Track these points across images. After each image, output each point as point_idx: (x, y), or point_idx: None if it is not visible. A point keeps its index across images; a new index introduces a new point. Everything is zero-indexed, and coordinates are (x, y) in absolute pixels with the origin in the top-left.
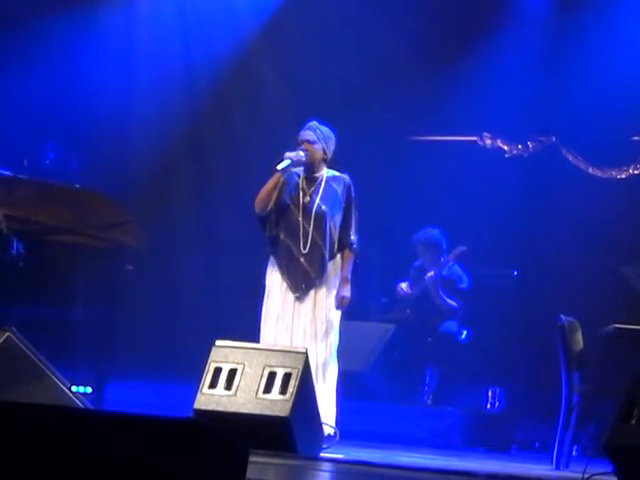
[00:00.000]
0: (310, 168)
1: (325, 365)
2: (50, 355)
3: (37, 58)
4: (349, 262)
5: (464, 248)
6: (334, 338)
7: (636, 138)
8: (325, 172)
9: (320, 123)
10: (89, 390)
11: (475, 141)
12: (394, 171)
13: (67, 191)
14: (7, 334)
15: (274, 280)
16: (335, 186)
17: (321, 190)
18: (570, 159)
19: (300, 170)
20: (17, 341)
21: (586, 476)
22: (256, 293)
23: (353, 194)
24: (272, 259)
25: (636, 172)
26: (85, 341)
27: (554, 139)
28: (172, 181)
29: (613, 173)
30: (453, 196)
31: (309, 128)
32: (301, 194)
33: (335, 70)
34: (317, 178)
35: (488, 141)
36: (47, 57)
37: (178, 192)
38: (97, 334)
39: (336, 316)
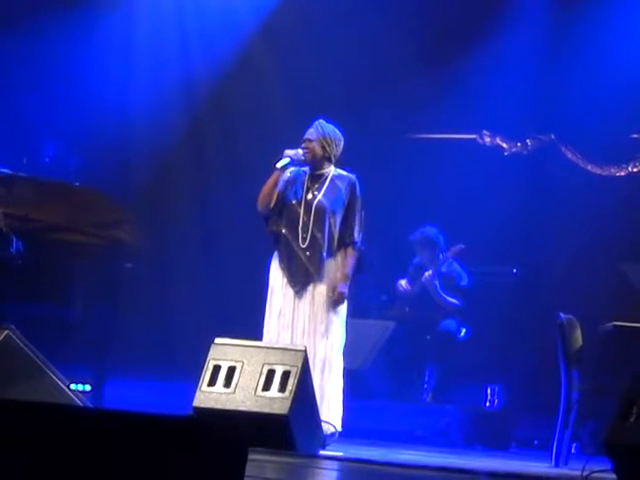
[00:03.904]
0: (313, 166)
1: (326, 363)
2: (49, 353)
3: (37, 57)
4: (351, 259)
5: (463, 246)
6: (336, 336)
7: (635, 136)
8: (332, 170)
9: (327, 122)
10: (88, 388)
11: (474, 139)
12: (393, 169)
13: (66, 189)
14: (6, 332)
15: (276, 276)
16: (339, 184)
17: (325, 187)
18: (569, 157)
19: (307, 168)
20: (16, 339)
21: (585, 473)
22: (255, 291)
23: (358, 193)
24: (275, 254)
25: (635, 170)
26: (84, 339)
27: (553, 137)
28: (171, 179)
29: (612, 171)
30: (452, 194)
31: (312, 126)
32: (305, 191)
33: (334, 69)
34: (322, 175)
35: (487, 139)
36: (47, 56)
37: (177, 190)
38: (96, 332)
39: (340, 314)
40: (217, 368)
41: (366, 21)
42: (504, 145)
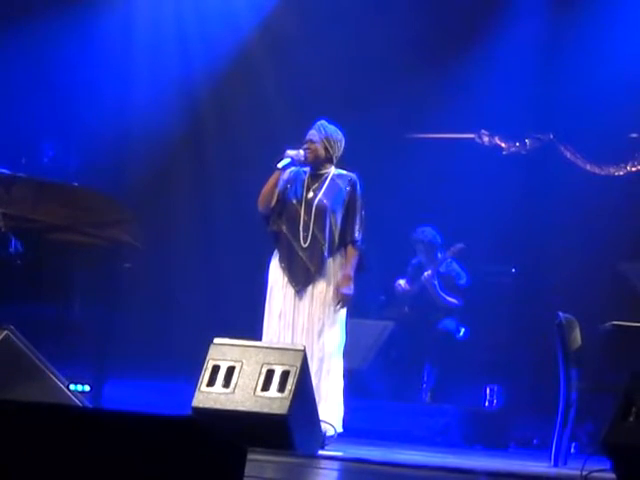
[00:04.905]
0: (314, 166)
1: (326, 363)
2: (48, 353)
3: (35, 57)
4: (352, 259)
5: (462, 245)
6: (336, 336)
7: (634, 135)
8: (333, 170)
9: (329, 122)
10: (87, 388)
11: (473, 139)
12: (392, 168)
13: (65, 189)
14: (5, 332)
15: (275, 276)
16: (340, 183)
17: (325, 186)
18: (568, 156)
19: (307, 168)
20: (15, 339)
21: (584, 473)
22: (254, 291)
23: (358, 192)
24: (275, 254)
25: (634, 169)
26: (83, 339)
27: (552, 136)
28: (171, 179)
29: (611, 170)
30: (451, 194)
31: (314, 127)
32: (305, 191)
33: (333, 68)
34: (322, 175)
35: (486, 138)
36: (46, 56)
37: (177, 190)
38: (95, 332)
39: (339, 313)
40: (216, 368)
41: (366, 21)
42: (503, 145)
